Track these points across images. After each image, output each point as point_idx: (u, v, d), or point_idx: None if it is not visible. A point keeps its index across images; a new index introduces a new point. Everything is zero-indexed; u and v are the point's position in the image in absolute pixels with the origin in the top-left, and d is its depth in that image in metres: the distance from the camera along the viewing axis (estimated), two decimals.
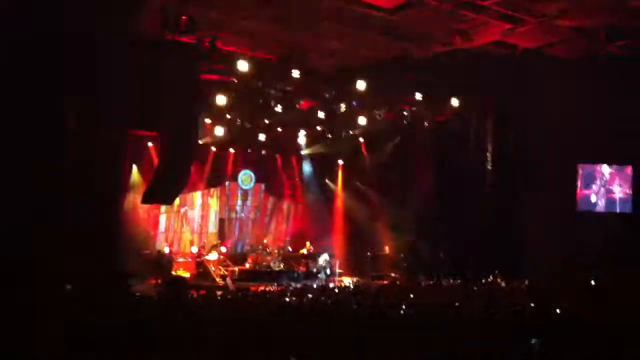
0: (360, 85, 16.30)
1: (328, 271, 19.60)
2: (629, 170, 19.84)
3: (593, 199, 19.77)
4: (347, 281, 18.15)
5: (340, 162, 22.55)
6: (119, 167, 15.88)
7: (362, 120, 18.52)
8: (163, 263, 18.06)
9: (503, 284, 15.51)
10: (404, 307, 9.49)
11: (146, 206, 18.54)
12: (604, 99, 17.66)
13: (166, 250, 19.06)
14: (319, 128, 19.40)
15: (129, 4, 12.32)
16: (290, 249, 21.56)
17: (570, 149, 18.55)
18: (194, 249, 19.55)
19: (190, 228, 20.49)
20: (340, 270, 20.68)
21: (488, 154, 19.22)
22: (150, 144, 18.37)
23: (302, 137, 19.88)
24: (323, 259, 19.94)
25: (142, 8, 12.52)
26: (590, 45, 15.78)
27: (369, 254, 21.16)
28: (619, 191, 19.82)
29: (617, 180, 19.87)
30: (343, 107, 17.53)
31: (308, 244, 21.16)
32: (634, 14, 13.77)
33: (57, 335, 6.49)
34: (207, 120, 17.54)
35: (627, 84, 17.53)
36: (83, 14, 12.13)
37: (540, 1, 13.47)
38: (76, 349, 6.29)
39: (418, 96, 17.41)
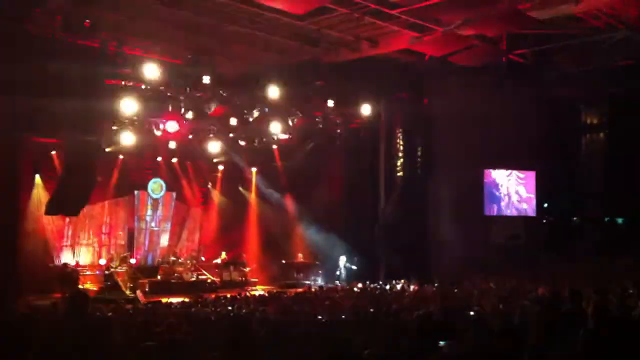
0: (273, 91, 16.19)
1: (345, 272, 19.46)
2: (531, 175, 20.71)
3: (498, 203, 20.50)
4: (260, 290, 17.98)
5: (254, 169, 22.35)
6: (18, 176, 15.10)
7: (274, 127, 18.39)
8: (68, 276, 17.28)
9: (414, 288, 15.76)
10: (319, 316, 9.45)
11: (50, 217, 17.73)
12: (508, 107, 18.37)
13: (72, 263, 18.28)
14: (231, 135, 19.11)
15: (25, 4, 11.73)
16: (203, 258, 21.14)
17: (477, 154, 19.17)
18: (102, 261, 18.83)
19: (97, 239, 19.70)
20: (255, 279, 20.52)
21: (398, 160, 19.58)
22: (53, 152, 17.58)
23: (213, 144, 19.49)
24: (342, 261, 19.65)
25: (41, 9, 11.97)
26: (492, 53, 16.38)
27: (283, 261, 21.07)
28: (524, 195, 20.65)
29: (521, 185, 20.70)
30: (255, 113, 17.35)
31: (224, 253, 20.82)
32: (532, 24, 14.40)
33: None
34: (114, 127, 16.94)
35: (529, 92, 18.31)
36: None
37: (445, 11, 13.86)
38: None
39: (330, 103, 17.48)
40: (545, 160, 19.93)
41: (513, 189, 20.58)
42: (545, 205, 20.98)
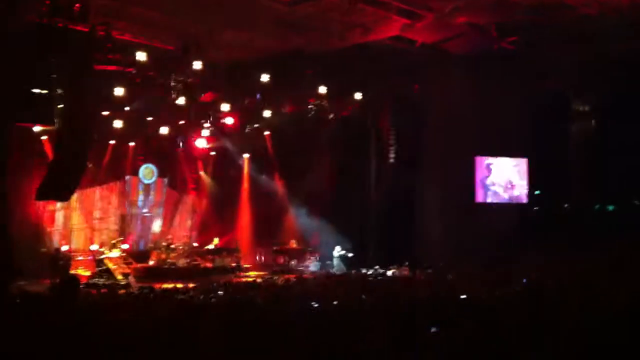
0: (264, 78, 16.16)
1: (340, 262, 19.51)
2: (524, 162, 20.74)
3: (491, 190, 20.54)
4: (252, 276, 18.03)
5: (246, 155, 22.32)
6: (9, 162, 15.03)
7: (266, 114, 18.37)
8: (60, 262, 17.29)
9: (405, 274, 15.83)
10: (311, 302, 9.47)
11: (41, 202, 17.69)
12: (499, 94, 18.36)
13: (64, 248, 18.28)
14: (222, 121, 19.06)
15: None
16: (195, 244, 21.17)
17: (468, 142, 19.18)
18: (94, 247, 18.81)
19: (89, 225, 19.69)
20: (248, 265, 20.56)
21: (389, 148, 19.61)
22: (44, 137, 17.51)
23: (205, 130, 19.46)
24: (337, 251, 19.75)
25: None
26: (484, 41, 16.36)
27: (274, 248, 21.11)
28: (515, 182, 20.70)
29: (513, 172, 20.74)
30: (247, 100, 17.33)
31: (216, 239, 20.85)
32: (523, 10, 14.39)
33: None
34: (105, 112, 16.88)
35: (520, 80, 18.31)
36: None
37: None
38: None
39: (322, 90, 17.45)
40: (536, 147, 19.97)
41: (505, 176, 20.61)
42: (537, 192, 21.05)
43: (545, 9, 14.47)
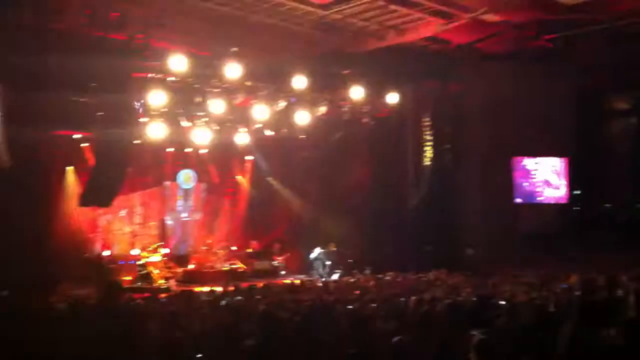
0: (299, 81, 16.19)
1: (325, 265, 19.65)
2: (564, 162, 20.42)
3: (530, 190, 20.27)
4: (290, 279, 18.06)
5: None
6: (51, 169, 15.39)
7: (301, 117, 18.40)
8: (103, 266, 17.60)
9: (444, 277, 15.69)
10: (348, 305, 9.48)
11: (84, 209, 18.04)
12: (537, 94, 18.12)
13: (106, 253, 18.59)
14: (258, 125, 19.18)
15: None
16: (234, 248, 21.33)
17: (507, 142, 18.97)
18: (135, 252, 19.09)
19: (130, 230, 19.99)
20: (286, 268, 20.62)
21: (426, 149, 19.47)
22: (85, 144, 17.85)
23: (241, 135, 19.61)
24: (316, 252, 19.87)
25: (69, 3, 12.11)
26: (520, 40, 16.17)
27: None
28: (555, 182, 20.38)
29: (553, 172, 20.43)
30: (282, 104, 17.38)
31: (255, 243, 21.01)
32: (559, 9, 14.18)
33: None
34: (143, 119, 17.13)
35: (559, 78, 18.04)
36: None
37: None
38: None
39: (357, 92, 17.41)
40: (576, 147, 19.66)
41: (544, 177, 20.31)
42: (577, 192, 20.70)
43: (583, 5, 14.23)
